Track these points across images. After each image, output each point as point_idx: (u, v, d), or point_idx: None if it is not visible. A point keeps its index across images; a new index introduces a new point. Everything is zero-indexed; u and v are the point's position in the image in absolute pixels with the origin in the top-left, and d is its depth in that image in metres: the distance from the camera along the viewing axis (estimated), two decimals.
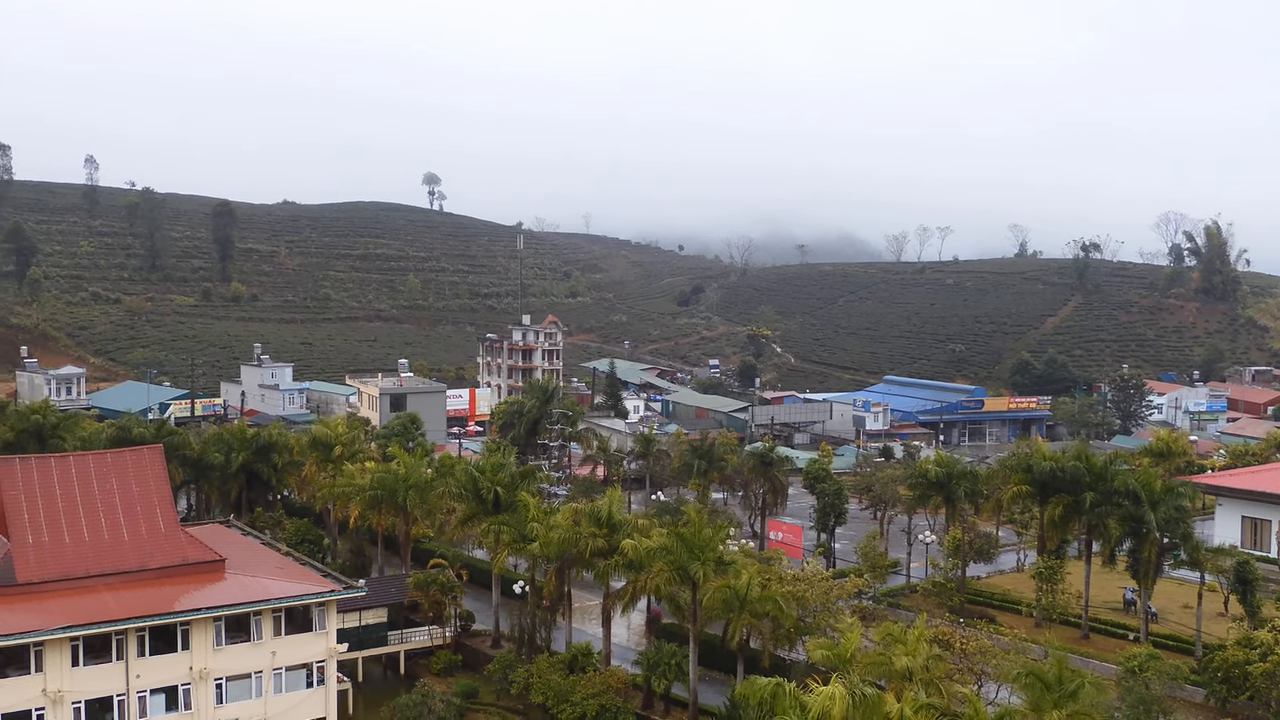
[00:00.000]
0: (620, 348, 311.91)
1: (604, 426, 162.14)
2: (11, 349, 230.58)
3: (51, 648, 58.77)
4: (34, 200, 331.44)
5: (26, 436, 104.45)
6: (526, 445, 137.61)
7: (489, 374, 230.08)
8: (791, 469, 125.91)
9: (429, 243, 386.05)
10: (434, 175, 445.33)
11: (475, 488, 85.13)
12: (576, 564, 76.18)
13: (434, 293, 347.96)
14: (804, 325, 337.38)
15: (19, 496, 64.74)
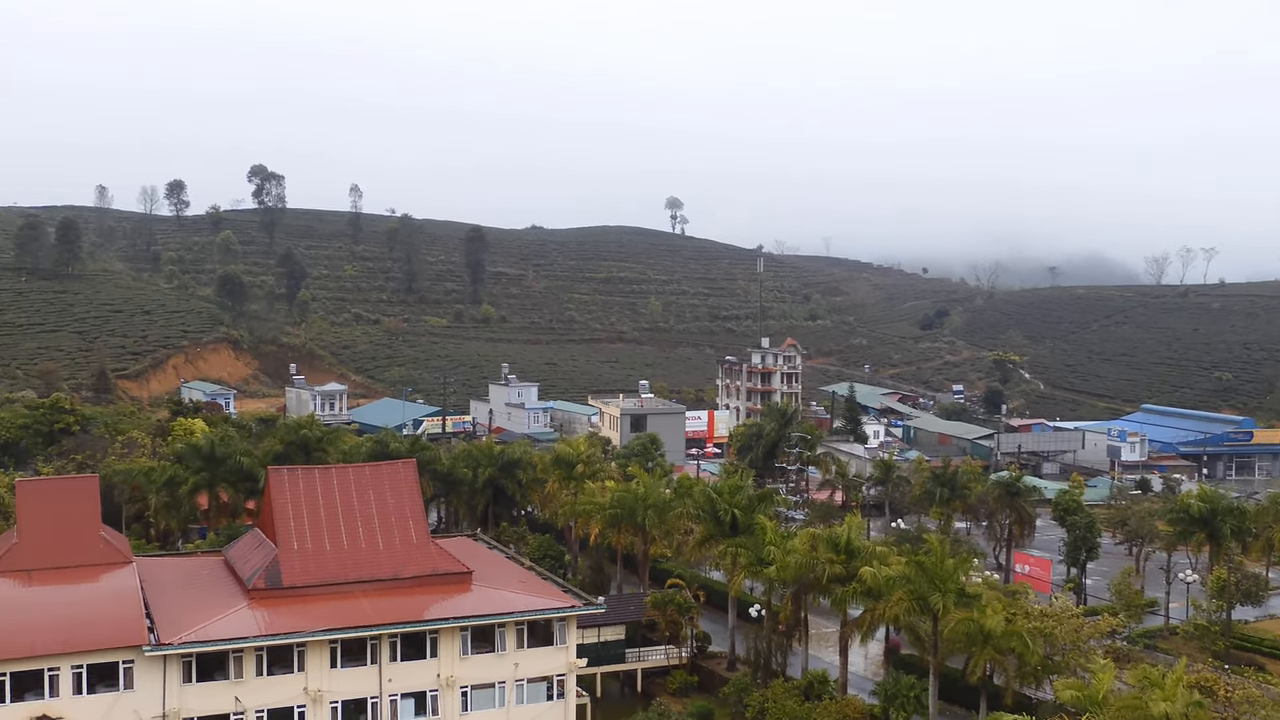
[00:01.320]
0: (860, 371, 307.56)
1: (843, 451, 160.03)
2: (282, 366, 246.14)
3: (313, 649, 62.13)
4: (304, 227, 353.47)
5: (294, 448, 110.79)
6: (764, 468, 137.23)
7: (728, 396, 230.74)
8: (1039, 499, 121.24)
9: (670, 266, 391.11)
10: (676, 199, 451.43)
11: (713, 509, 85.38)
12: (813, 589, 75.36)
13: (674, 315, 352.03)
14: (1054, 350, 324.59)
15: (287, 505, 68.78)
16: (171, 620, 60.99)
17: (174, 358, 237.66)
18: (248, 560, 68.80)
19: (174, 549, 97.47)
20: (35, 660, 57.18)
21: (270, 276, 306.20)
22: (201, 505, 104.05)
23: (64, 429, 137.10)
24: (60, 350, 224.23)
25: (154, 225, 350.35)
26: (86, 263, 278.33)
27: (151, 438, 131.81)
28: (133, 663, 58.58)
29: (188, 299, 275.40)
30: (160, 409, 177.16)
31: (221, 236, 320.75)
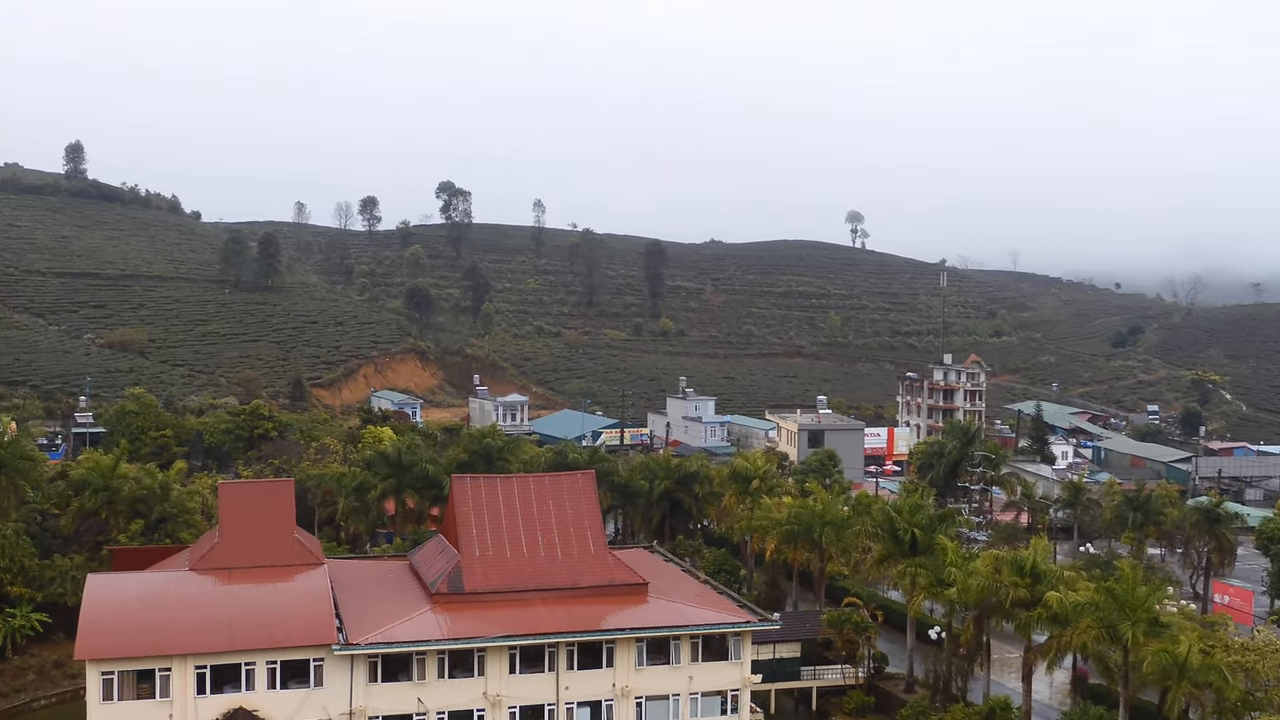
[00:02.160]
0: (1047, 390, 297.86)
1: (1028, 471, 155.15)
2: (466, 377, 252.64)
3: (493, 654, 63.43)
4: (489, 242, 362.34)
5: (477, 457, 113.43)
6: (945, 487, 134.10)
7: (908, 413, 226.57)
8: (1241, 527, 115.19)
9: (850, 280, 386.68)
10: (857, 213, 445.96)
11: (892, 528, 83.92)
12: (996, 613, 73.25)
13: (854, 330, 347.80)
14: (1258, 371, 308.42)
15: (469, 512, 70.46)
16: (359, 621, 63.12)
17: (364, 367, 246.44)
18: (431, 565, 70.67)
19: (362, 552, 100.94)
20: (234, 655, 59.95)
21: (456, 289, 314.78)
22: (388, 510, 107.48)
23: (263, 434, 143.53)
24: (260, 359, 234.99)
25: (348, 240, 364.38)
26: (285, 276, 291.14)
27: (343, 444, 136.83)
28: (323, 661, 60.85)
29: (378, 311, 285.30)
30: (351, 417, 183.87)
31: (411, 251, 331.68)
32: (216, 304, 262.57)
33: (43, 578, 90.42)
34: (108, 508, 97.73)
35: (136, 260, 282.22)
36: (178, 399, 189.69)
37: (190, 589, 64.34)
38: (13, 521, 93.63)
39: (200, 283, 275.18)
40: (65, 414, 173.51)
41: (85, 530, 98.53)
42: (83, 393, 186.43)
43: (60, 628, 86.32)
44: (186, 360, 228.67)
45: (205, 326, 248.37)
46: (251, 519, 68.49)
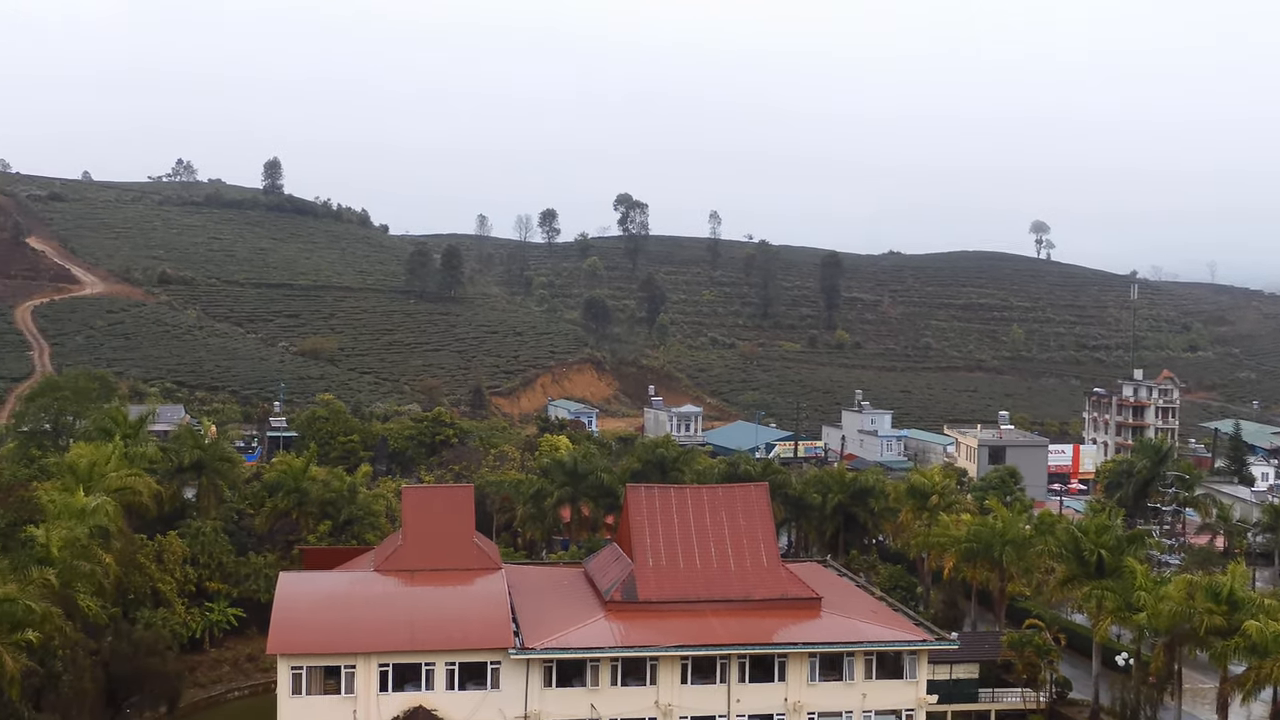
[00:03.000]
0: (1246, 408, 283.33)
1: (1225, 493, 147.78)
2: (641, 387, 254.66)
3: (665, 664, 63.70)
4: (665, 253, 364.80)
5: (651, 467, 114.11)
6: (1134, 508, 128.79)
7: (1094, 430, 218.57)
8: None
9: (1034, 292, 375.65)
10: (1042, 224, 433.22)
11: (1077, 548, 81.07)
12: (1188, 641, 69.94)
13: (1038, 344, 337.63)
14: None
15: (644, 522, 70.98)
16: (535, 626, 64.22)
17: (542, 377, 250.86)
18: (606, 573, 71.41)
19: (538, 558, 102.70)
20: (415, 655, 61.74)
21: (632, 301, 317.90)
22: (564, 518, 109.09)
23: (444, 441, 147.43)
24: (442, 368, 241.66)
25: (527, 252, 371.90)
26: (467, 287, 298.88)
27: (521, 452, 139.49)
28: (500, 664, 62.13)
29: (556, 321, 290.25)
30: (529, 425, 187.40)
31: (588, 262, 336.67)
32: (402, 314, 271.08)
33: (238, 574, 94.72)
34: (298, 509, 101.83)
35: (328, 272, 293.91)
36: (364, 405, 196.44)
37: (375, 589, 66.51)
38: (212, 520, 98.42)
39: (387, 293, 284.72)
40: (261, 418, 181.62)
41: (278, 530, 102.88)
42: (277, 398, 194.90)
43: (254, 622, 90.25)
44: (373, 368, 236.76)
45: (391, 336, 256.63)
46: (433, 523, 70.38)
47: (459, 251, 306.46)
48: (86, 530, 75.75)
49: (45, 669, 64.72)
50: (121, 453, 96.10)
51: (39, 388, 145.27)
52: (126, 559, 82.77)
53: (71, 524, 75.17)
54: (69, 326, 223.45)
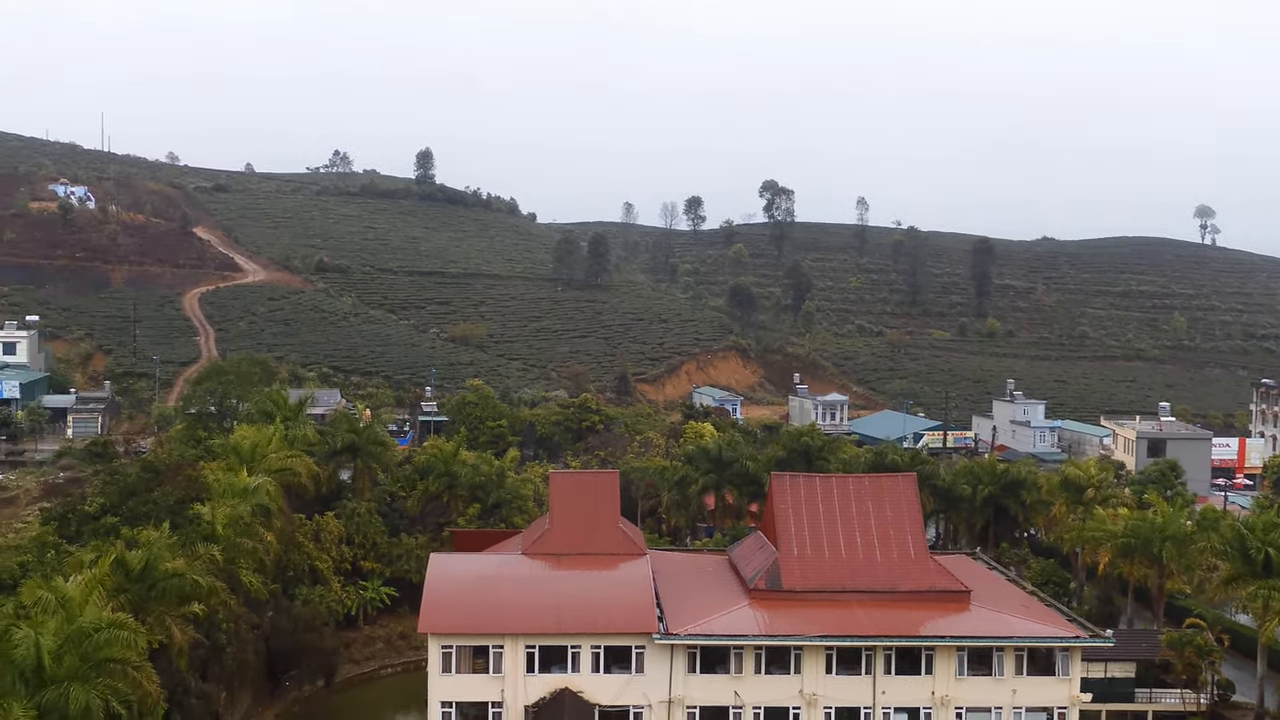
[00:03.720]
0: None
1: None
2: (786, 375, 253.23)
3: (809, 653, 63.33)
4: (811, 240, 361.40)
5: (796, 455, 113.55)
6: None
7: (1263, 423, 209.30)
8: None
9: (1198, 279, 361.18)
10: (1207, 208, 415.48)
11: (1243, 546, 77.88)
12: None
13: (1201, 333, 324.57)
14: None
15: (788, 510, 70.65)
16: (679, 612, 64.51)
17: (687, 364, 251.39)
18: (750, 561, 71.31)
19: (682, 545, 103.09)
20: (561, 637, 62.65)
21: (778, 288, 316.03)
22: (708, 505, 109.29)
23: (590, 427, 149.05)
24: (588, 355, 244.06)
25: (673, 239, 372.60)
26: (613, 275, 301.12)
27: (665, 439, 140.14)
28: (644, 649, 62.60)
29: (701, 309, 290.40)
30: (674, 412, 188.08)
31: (733, 250, 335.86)
32: (549, 301, 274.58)
33: (391, 554, 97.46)
34: (449, 492, 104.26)
35: (477, 260, 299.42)
36: (513, 391, 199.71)
37: (523, 572, 67.65)
38: (366, 501, 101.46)
39: (535, 281, 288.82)
40: (412, 403, 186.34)
41: (429, 512, 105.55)
42: (428, 383, 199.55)
43: (406, 601, 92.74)
44: (521, 354, 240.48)
45: (539, 323, 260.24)
46: (579, 508, 71.21)
47: (605, 239, 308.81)
48: (249, 509, 78.87)
49: (210, 641, 67.62)
50: (282, 435, 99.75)
51: (205, 372, 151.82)
52: (286, 537, 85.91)
53: (235, 503, 78.33)
54: (232, 313, 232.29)
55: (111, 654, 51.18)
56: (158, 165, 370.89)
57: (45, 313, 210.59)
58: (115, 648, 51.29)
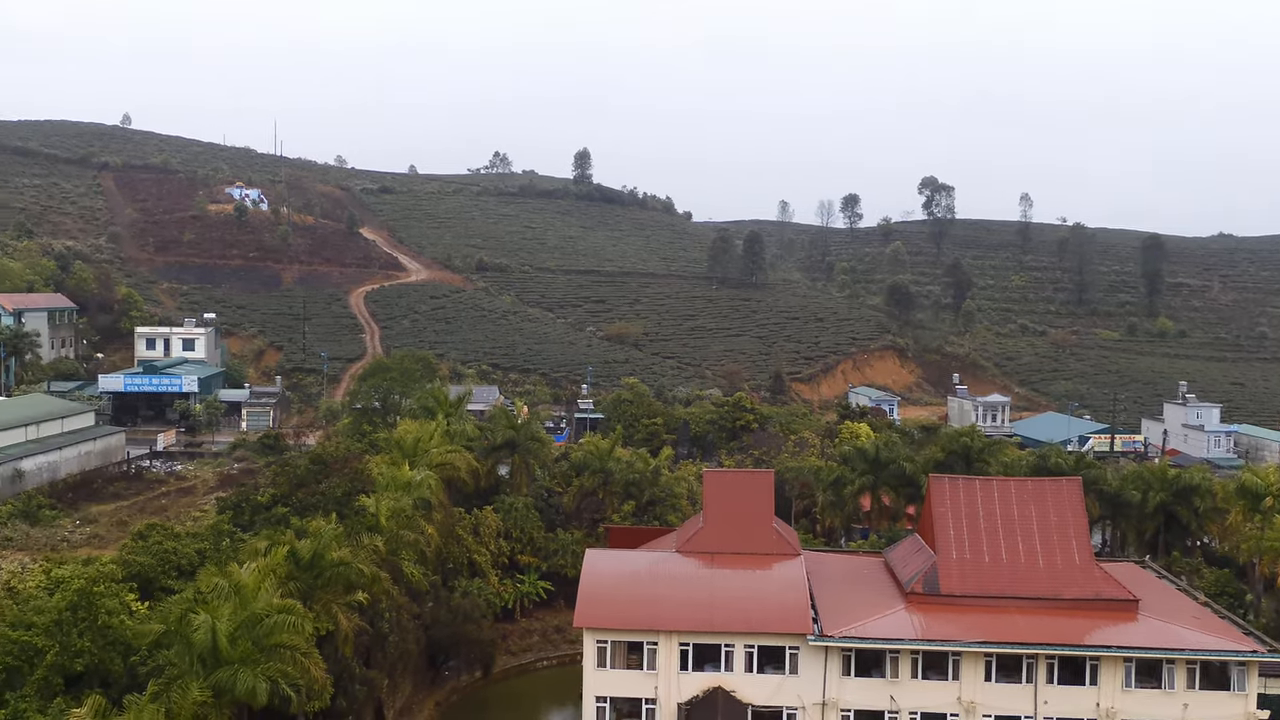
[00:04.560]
0: None
1: None
2: (944, 375, 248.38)
3: (968, 660, 62.00)
4: (972, 238, 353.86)
5: (955, 457, 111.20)
6: None
7: None
8: None
9: None
10: None
11: None
12: None
13: None
14: None
15: (946, 513, 69.26)
16: (833, 613, 63.87)
17: (843, 363, 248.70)
18: (906, 564, 70.19)
19: (837, 546, 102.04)
20: (715, 636, 62.66)
21: (936, 286, 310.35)
22: (864, 506, 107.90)
23: (744, 425, 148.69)
24: (743, 353, 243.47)
25: (829, 237, 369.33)
26: (768, 273, 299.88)
27: (820, 438, 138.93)
28: (798, 649, 62.17)
29: (857, 307, 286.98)
30: (829, 411, 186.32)
31: (891, 248, 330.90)
32: (704, 300, 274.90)
33: (547, 549, 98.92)
34: (604, 488, 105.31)
35: (633, 258, 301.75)
36: (667, 389, 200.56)
37: (677, 569, 67.88)
38: (523, 496, 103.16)
39: (690, 279, 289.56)
40: (569, 400, 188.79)
41: (584, 508, 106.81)
42: (584, 381, 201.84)
43: (561, 596, 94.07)
44: (676, 353, 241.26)
45: (693, 321, 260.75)
46: (734, 506, 71.12)
47: (761, 237, 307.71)
48: (411, 502, 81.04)
49: (374, 629, 69.68)
50: (443, 430, 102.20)
51: (370, 369, 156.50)
52: (446, 530, 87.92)
53: (398, 495, 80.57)
54: (396, 311, 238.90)
55: (281, 639, 53.18)
56: (326, 168, 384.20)
57: (221, 310, 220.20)
58: (285, 633, 53.27)
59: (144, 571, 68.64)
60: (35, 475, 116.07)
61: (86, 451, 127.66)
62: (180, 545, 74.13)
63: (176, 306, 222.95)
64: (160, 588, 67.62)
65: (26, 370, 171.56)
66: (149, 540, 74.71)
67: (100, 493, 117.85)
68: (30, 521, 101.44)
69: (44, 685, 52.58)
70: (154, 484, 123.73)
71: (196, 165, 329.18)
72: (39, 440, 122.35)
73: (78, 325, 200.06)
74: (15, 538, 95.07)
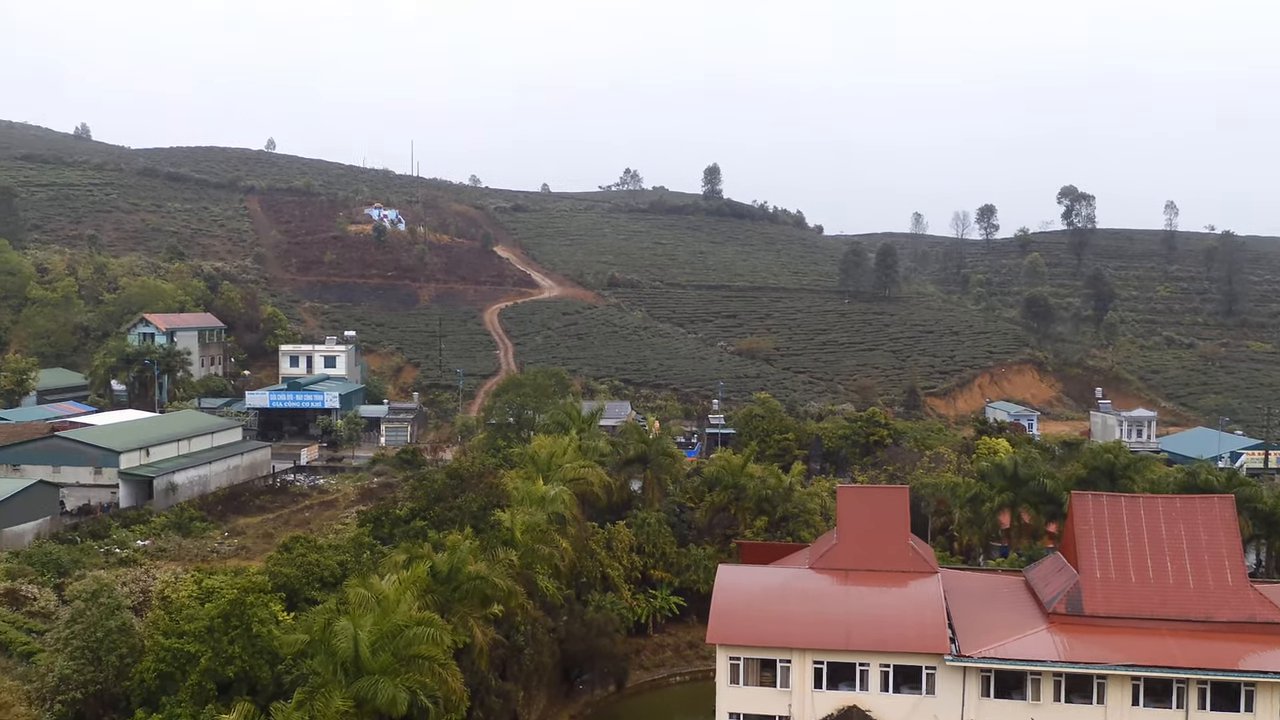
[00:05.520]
0: None
1: None
2: (1087, 389, 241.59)
3: (1114, 683, 60.07)
4: (1113, 247, 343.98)
5: (1098, 474, 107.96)
6: None
7: None
8: None
9: None
10: None
11: None
12: None
13: None
14: None
15: (1090, 531, 67.28)
16: (971, 633, 62.53)
17: (979, 377, 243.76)
18: (1048, 583, 68.38)
19: (975, 564, 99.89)
20: (849, 654, 61.87)
21: (1077, 298, 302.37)
22: (1003, 524, 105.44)
23: (878, 441, 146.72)
24: (876, 368, 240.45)
25: (964, 249, 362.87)
26: (901, 286, 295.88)
27: (957, 454, 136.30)
28: (935, 669, 61.01)
29: (994, 320, 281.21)
30: (966, 427, 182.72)
31: (1029, 259, 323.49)
32: (836, 314, 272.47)
33: (679, 564, 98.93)
34: (736, 504, 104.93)
35: (764, 273, 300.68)
36: (799, 404, 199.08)
37: (810, 586, 67.28)
38: (655, 511, 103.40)
39: (821, 293, 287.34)
40: (700, 415, 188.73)
41: (716, 523, 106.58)
42: (715, 396, 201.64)
43: (693, 611, 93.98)
44: (807, 368, 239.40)
45: (825, 335, 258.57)
46: (868, 523, 70.26)
47: (893, 250, 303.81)
48: (545, 516, 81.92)
49: (510, 642, 70.57)
50: (576, 445, 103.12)
51: (504, 385, 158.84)
52: (580, 545, 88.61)
53: (532, 510, 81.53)
54: (529, 327, 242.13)
55: (420, 651, 54.21)
56: (461, 188, 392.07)
57: (361, 328, 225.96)
58: (424, 645, 54.30)
59: (289, 582, 70.71)
60: (187, 489, 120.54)
61: (234, 466, 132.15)
62: (323, 557, 76.18)
63: (319, 325, 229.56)
64: (304, 598, 69.60)
65: (178, 387, 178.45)
66: (294, 552, 76.96)
67: (247, 506, 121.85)
68: (182, 533, 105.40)
69: (197, 691, 54.51)
70: (298, 497, 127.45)
71: (337, 187, 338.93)
72: (190, 455, 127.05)
73: (226, 344, 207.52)
74: (168, 548, 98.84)
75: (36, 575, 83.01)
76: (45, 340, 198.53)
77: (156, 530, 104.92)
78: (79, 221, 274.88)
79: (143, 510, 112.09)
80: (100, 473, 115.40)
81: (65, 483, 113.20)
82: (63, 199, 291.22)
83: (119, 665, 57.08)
